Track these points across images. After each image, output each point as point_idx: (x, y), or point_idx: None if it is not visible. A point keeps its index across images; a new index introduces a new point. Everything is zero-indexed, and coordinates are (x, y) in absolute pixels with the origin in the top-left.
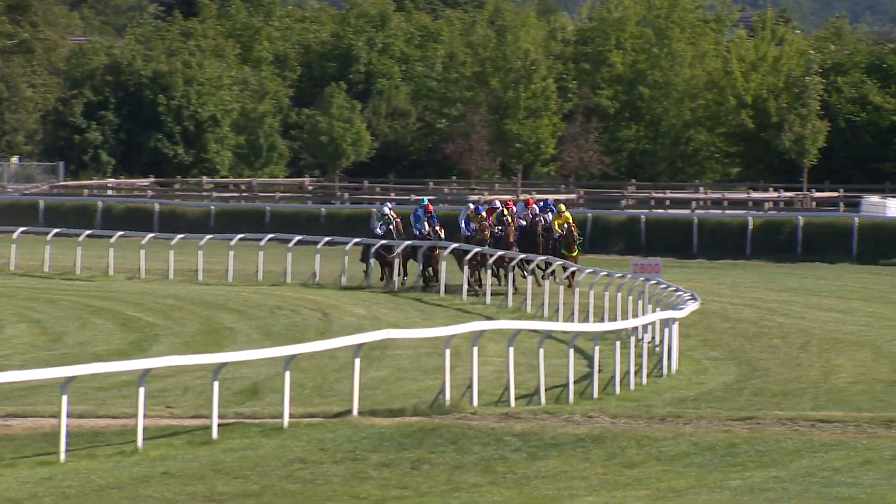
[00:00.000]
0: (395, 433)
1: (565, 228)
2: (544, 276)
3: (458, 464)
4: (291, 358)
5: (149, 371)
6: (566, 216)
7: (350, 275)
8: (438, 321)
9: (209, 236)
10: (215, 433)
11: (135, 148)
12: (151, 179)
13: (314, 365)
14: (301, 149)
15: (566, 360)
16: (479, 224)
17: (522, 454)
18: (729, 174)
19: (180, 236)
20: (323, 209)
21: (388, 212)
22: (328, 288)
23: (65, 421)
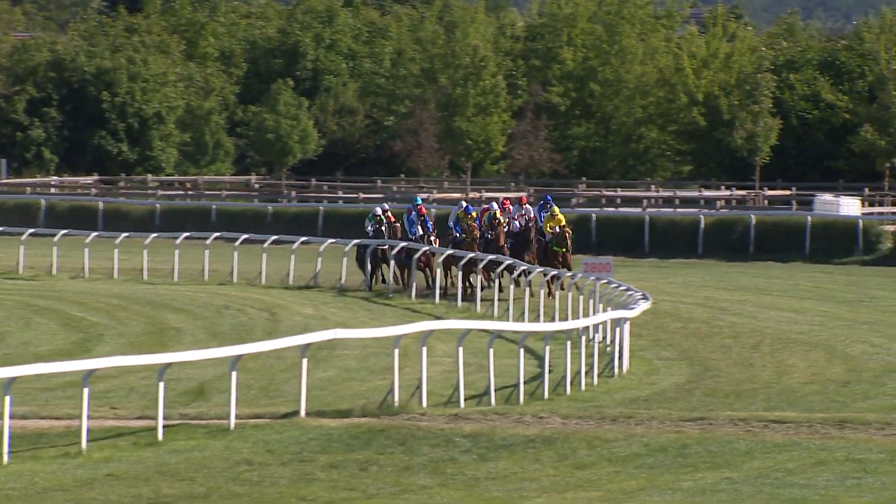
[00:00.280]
0: (342, 434)
1: (557, 230)
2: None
3: (406, 465)
4: (238, 358)
5: (93, 372)
6: (559, 219)
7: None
8: (387, 321)
9: (154, 235)
10: (161, 434)
11: (78, 145)
12: (95, 177)
13: (261, 365)
14: (247, 146)
15: (516, 361)
16: (467, 225)
17: (472, 455)
18: (680, 172)
19: (125, 235)
20: (270, 207)
21: (379, 213)
22: (275, 287)
23: (7, 422)
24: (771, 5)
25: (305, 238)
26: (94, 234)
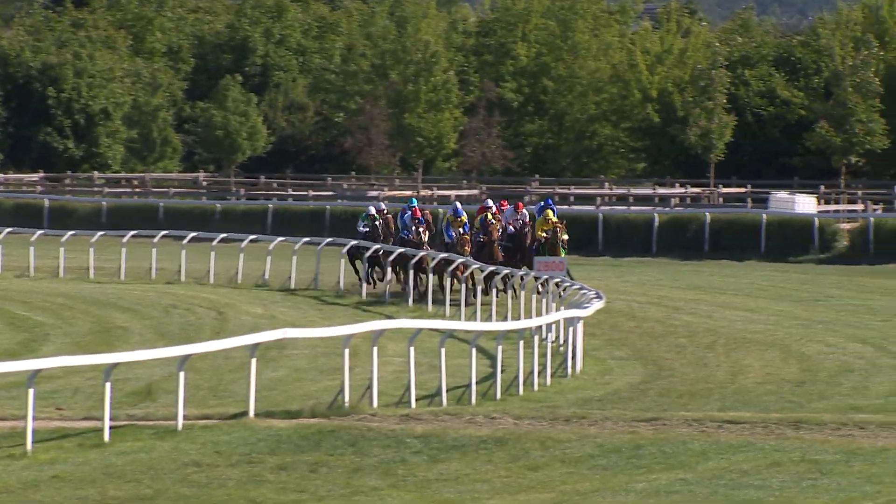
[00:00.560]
0: (292, 435)
1: (550, 233)
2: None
3: (357, 466)
4: (186, 358)
5: (38, 372)
6: (552, 221)
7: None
8: (337, 320)
9: (101, 233)
10: (107, 436)
11: (23, 142)
12: (41, 174)
13: (209, 365)
14: (195, 143)
15: (468, 360)
16: (456, 229)
17: (423, 456)
18: (634, 169)
19: (71, 233)
20: (218, 205)
21: (373, 212)
22: (224, 286)
23: None
24: (725, 1)
25: (254, 236)
26: (40, 232)
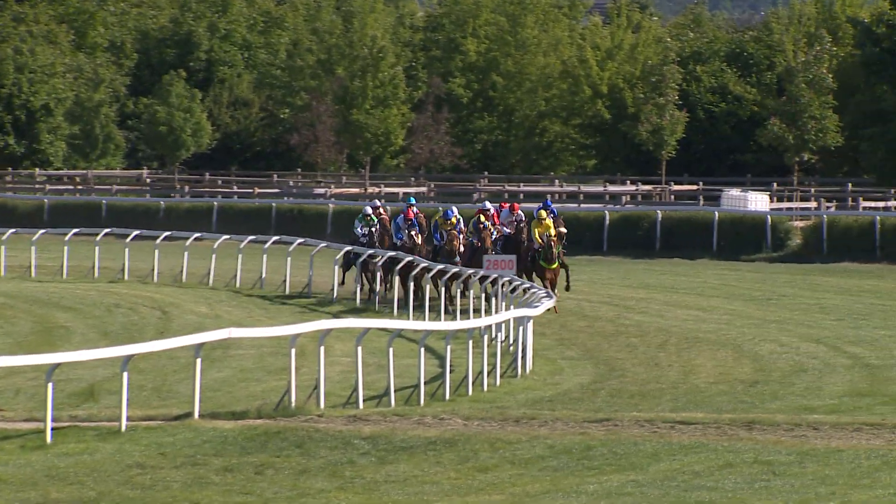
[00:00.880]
0: (237, 437)
1: (545, 238)
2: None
3: (304, 468)
4: (129, 358)
5: None
6: (547, 224)
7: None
8: (284, 319)
9: (43, 231)
10: (49, 437)
11: None
12: None
13: (153, 365)
14: (139, 139)
15: (417, 360)
16: (447, 232)
17: (371, 458)
18: (585, 167)
19: (12, 231)
20: (162, 203)
21: (370, 212)
22: (168, 285)
23: None
24: None
25: (199, 234)
26: None
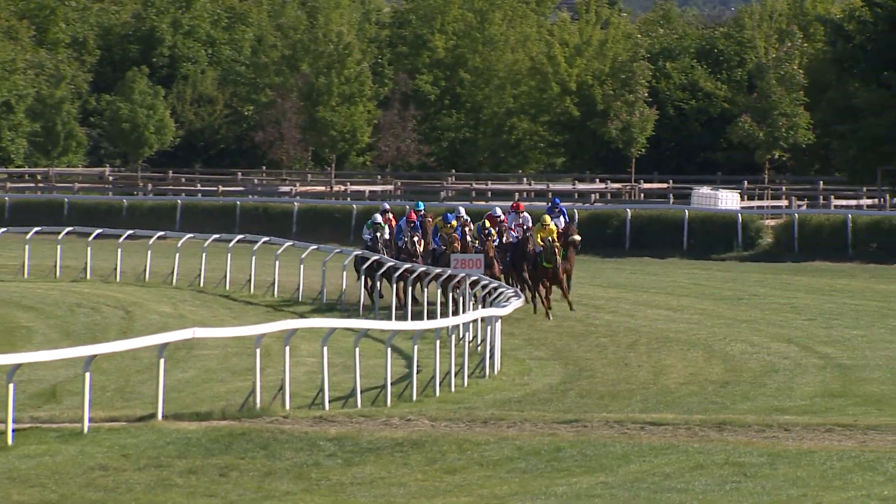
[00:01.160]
0: (201, 438)
1: (548, 242)
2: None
3: (269, 470)
4: (92, 358)
5: None
6: (550, 229)
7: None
8: (248, 319)
9: (3, 230)
10: (10, 439)
11: None
12: None
13: (116, 366)
14: (101, 137)
15: (384, 361)
16: (448, 236)
17: (337, 460)
18: (553, 164)
19: None
20: (125, 201)
21: (379, 220)
22: (131, 284)
23: None
24: None
25: (162, 233)
26: None
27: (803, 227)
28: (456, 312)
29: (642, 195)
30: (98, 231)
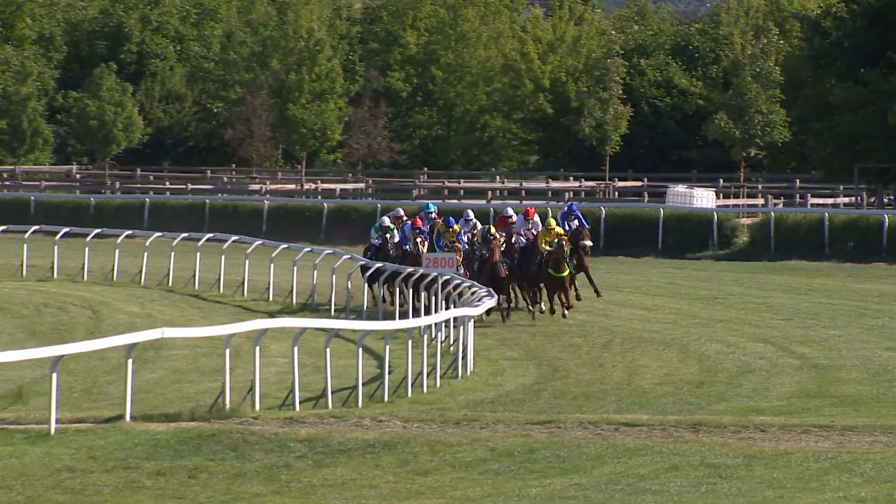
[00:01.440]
0: (170, 439)
1: (555, 245)
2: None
3: (238, 472)
4: (59, 359)
5: None
6: (556, 232)
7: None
8: (218, 319)
9: None
10: None
11: None
12: None
13: (83, 366)
14: (68, 134)
15: (355, 361)
16: (449, 241)
17: (308, 461)
18: (527, 162)
19: None
20: (92, 199)
21: (386, 223)
22: (99, 284)
23: None
24: None
25: (130, 231)
26: None
27: (779, 225)
28: (428, 312)
29: (616, 193)
30: (65, 230)
